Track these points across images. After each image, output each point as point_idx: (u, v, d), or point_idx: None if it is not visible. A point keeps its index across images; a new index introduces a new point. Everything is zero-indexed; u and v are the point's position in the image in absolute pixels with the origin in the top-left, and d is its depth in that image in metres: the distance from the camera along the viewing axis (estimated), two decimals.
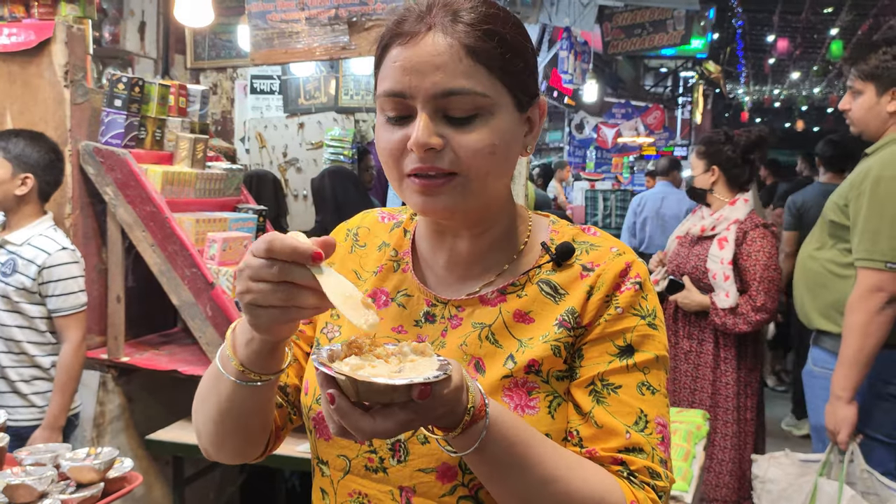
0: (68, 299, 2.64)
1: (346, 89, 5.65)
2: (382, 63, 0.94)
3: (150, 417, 3.05)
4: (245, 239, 3.01)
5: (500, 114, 0.92)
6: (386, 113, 0.93)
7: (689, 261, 3.30)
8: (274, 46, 3.61)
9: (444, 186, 0.91)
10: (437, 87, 0.88)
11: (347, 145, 5.41)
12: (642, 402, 0.93)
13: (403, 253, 1.08)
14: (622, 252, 1.00)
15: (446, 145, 0.90)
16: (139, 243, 2.85)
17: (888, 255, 2.34)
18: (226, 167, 3.33)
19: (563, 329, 0.95)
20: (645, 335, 0.95)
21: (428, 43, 0.89)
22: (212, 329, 2.76)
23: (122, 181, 2.84)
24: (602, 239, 1.02)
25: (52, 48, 2.88)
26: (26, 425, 2.61)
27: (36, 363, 2.64)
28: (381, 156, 0.95)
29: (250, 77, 6.01)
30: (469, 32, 0.90)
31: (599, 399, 0.93)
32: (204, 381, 1.00)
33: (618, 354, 0.94)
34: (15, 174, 2.61)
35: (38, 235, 2.64)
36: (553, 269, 0.99)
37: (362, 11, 3.47)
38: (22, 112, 2.93)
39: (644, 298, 0.97)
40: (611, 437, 0.91)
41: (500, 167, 0.94)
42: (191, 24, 4.57)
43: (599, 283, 0.96)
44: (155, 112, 3.06)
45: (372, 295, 1.05)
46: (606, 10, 8.87)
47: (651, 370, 0.95)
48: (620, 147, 12.73)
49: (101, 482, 1.93)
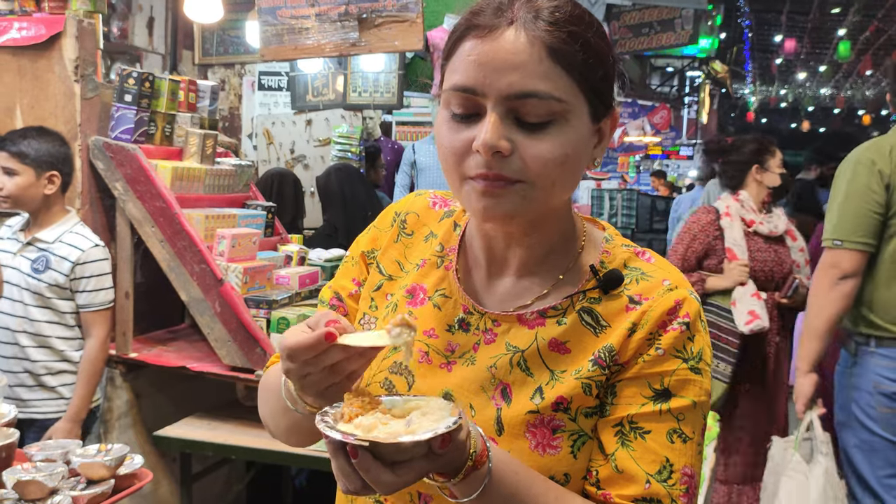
0: (98, 295, 2.67)
1: (355, 86, 5.63)
2: (453, 55, 0.88)
3: (158, 414, 3.04)
4: (254, 235, 3.00)
5: (575, 122, 0.86)
6: (451, 108, 0.87)
7: (784, 261, 3.35)
8: (283, 42, 3.60)
9: (506, 188, 0.85)
10: (513, 87, 0.83)
11: (355, 142, 5.40)
12: (670, 451, 0.87)
13: (449, 249, 1.01)
14: (674, 287, 0.92)
15: (514, 151, 0.84)
16: (148, 239, 2.84)
17: (835, 234, 2.53)
18: (235, 163, 3.32)
19: (597, 367, 0.89)
20: (685, 380, 0.89)
21: (507, 39, 0.83)
22: (220, 325, 2.75)
23: (131, 176, 2.83)
24: (656, 268, 0.95)
25: (62, 42, 2.87)
26: (53, 417, 2.63)
27: (64, 357, 2.66)
28: (441, 154, 0.90)
29: (258, 73, 6.00)
30: (552, 32, 0.83)
31: (625, 442, 0.88)
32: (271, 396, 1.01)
33: (652, 398, 0.88)
34: (40, 175, 2.60)
35: (69, 232, 2.66)
36: (598, 297, 0.93)
37: (372, 8, 3.45)
38: (32, 106, 2.92)
39: (690, 340, 0.89)
40: (629, 484, 0.86)
41: (569, 179, 0.88)
42: (200, 19, 4.56)
43: (644, 321, 0.89)
44: (165, 107, 3.05)
45: (411, 290, 1.00)
46: (614, 8, 8.84)
47: (686, 417, 0.88)
48: (626, 146, 12.71)
49: (112, 479, 1.92)
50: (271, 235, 3.36)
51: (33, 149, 2.60)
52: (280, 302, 2.85)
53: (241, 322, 2.72)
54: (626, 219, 8.60)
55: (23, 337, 2.61)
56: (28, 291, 2.60)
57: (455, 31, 0.89)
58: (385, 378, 0.97)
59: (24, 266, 2.61)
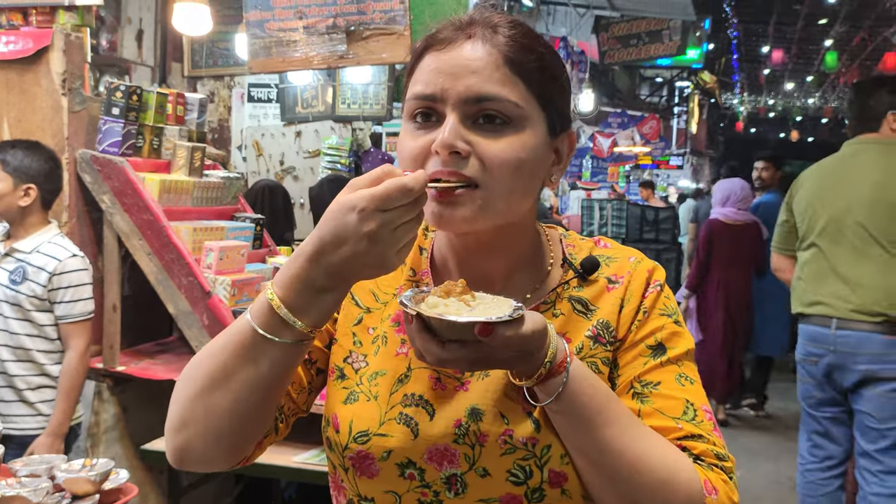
0: (76, 306, 2.63)
1: (344, 98, 5.65)
2: (415, 71, 0.92)
3: (146, 427, 3.03)
4: (242, 247, 3.00)
5: (531, 130, 0.90)
6: (414, 119, 0.90)
7: None
8: (272, 55, 3.61)
9: (462, 196, 0.86)
10: (471, 90, 0.86)
11: (344, 154, 5.41)
12: (685, 393, 0.92)
13: (422, 273, 1.02)
14: (640, 259, 1.00)
15: (472, 153, 0.87)
16: (136, 252, 2.84)
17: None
18: (223, 175, 3.33)
19: (598, 345, 0.94)
20: (673, 332, 0.95)
21: (466, 48, 0.88)
22: (208, 338, 2.75)
23: (119, 189, 2.83)
24: (616, 250, 1.02)
25: (49, 56, 2.87)
26: (32, 434, 2.60)
27: (44, 371, 2.63)
28: (401, 163, 0.91)
29: (248, 85, 6.01)
30: (509, 44, 0.89)
31: (643, 399, 0.92)
32: (218, 357, 0.87)
33: (651, 354, 0.94)
34: (17, 186, 2.59)
35: (46, 243, 2.63)
36: (579, 286, 0.98)
37: (360, 20, 3.47)
38: (19, 120, 2.92)
39: (667, 298, 0.98)
40: (666, 433, 0.89)
41: (525, 185, 0.91)
42: (189, 32, 4.57)
43: (629, 295, 0.96)
44: (153, 120, 3.05)
45: (395, 318, 0.99)
46: (603, 20, 8.91)
47: (684, 363, 0.95)
48: (616, 156, 12.76)
49: (97, 494, 1.91)
50: (260, 247, 3.36)
51: (17, 159, 2.59)
52: None
53: None
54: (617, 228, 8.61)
55: (2, 350, 2.59)
56: (7, 304, 2.58)
57: (417, 49, 0.93)
58: (400, 413, 0.92)
59: (2, 277, 2.59)
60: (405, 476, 0.91)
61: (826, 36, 13.04)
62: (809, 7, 11.55)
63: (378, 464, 0.91)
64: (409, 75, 0.93)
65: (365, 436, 0.92)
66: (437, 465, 0.90)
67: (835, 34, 12.75)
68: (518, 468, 0.88)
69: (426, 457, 0.90)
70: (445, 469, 0.90)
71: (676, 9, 7.74)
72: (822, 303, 3.04)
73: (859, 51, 14.03)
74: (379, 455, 0.91)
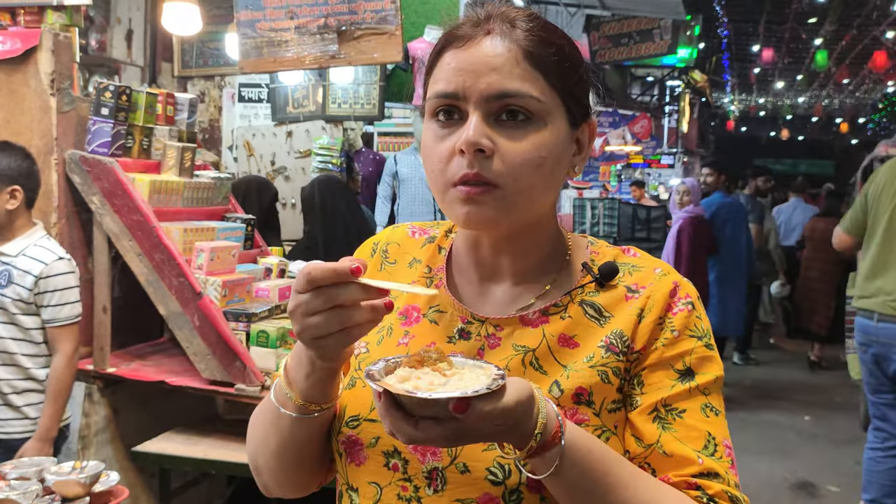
0: (64, 309, 2.61)
1: (335, 98, 5.64)
2: (435, 68, 0.93)
3: (137, 429, 3.01)
4: (233, 248, 2.99)
5: (552, 125, 0.90)
6: (436, 117, 0.91)
7: None
8: (263, 55, 3.60)
9: (486, 195, 0.88)
10: (492, 87, 0.87)
11: (336, 154, 5.39)
12: (709, 425, 0.90)
13: (437, 269, 1.03)
14: (667, 272, 0.97)
15: (495, 152, 0.87)
16: (126, 253, 2.82)
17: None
18: (213, 176, 3.31)
19: (611, 353, 0.91)
20: (703, 357, 0.92)
21: (485, 45, 0.89)
22: (199, 339, 2.73)
23: (108, 190, 2.81)
24: (643, 260, 1.00)
25: (38, 56, 2.85)
26: (18, 437, 2.58)
27: (30, 375, 2.60)
28: (427, 163, 0.93)
29: (238, 85, 5.99)
30: (527, 38, 0.89)
31: (665, 426, 0.89)
32: (259, 419, 1.00)
33: (679, 378, 0.91)
34: (2, 190, 2.56)
35: (32, 246, 2.60)
36: (596, 290, 0.96)
37: (351, 20, 3.46)
38: (8, 121, 2.90)
39: (699, 318, 0.94)
40: (683, 465, 0.88)
41: (546, 181, 0.91)
42: (178, 32, 4.55)
43: (650, 306, 0.93)
44: (142, 121, 3.04)
45: (404, 312, 1.01)
46: (594, 19, 8.92)
47: (711, 392, 0.92)
48: (608, 155, 12.77)
49: (87, 496, 1.90)
50: (251, 248, 3.35)
51: None
52: (259, 315, 2.84)
53: (221, 335, 2.70)
54: (608, 227, 8.63)
55: None
56: None
57: (436, 47, 0.94)
58: None
59: None
60: (389, 466, 0.92)
61: (816, 35, 13.10)
62: (799, 6, 11.60)
63: (366, 451, 0.94)
64: (428, 73, 0.94)
65: (356, 420, 0.95)
66: (420, 455, 0.91)
67: (825, 33, 12.81)
68: (498, 466, 0.87)
69: (411, 446, 0.91)
70: (428, 461, 0.90)
71: (667, 8, 7.75)
72: (870, 296, 3.41)
73: (849, 49, 14.09)
74: (367, 441, 0.94)
